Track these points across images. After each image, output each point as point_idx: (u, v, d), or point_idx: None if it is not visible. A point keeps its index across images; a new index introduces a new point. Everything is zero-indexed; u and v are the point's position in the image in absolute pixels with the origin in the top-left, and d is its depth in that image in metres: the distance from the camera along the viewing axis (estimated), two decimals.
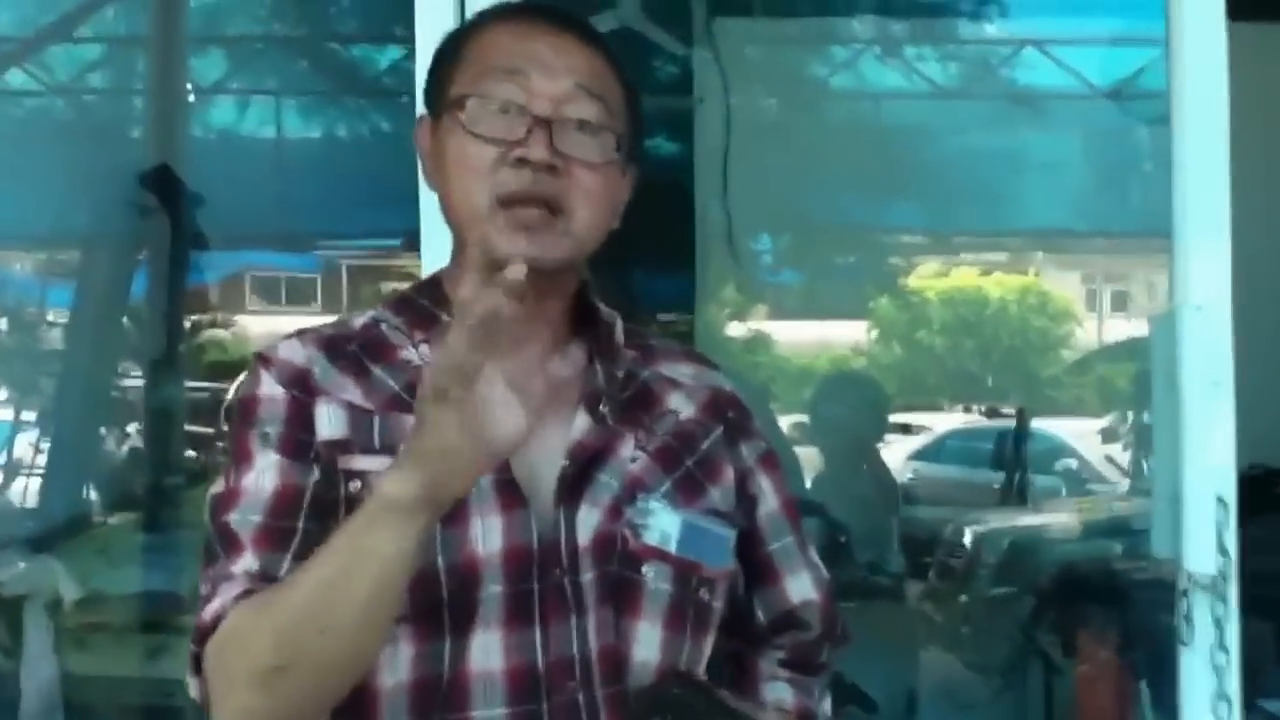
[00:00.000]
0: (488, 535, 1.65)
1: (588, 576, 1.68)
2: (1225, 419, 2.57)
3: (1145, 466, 12.48)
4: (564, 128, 1.67)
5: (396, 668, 1.63)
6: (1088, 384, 19.38)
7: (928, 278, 21.67)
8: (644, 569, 1.71)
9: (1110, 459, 14.11)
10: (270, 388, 1.70)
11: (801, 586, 1.93)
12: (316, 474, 1.66)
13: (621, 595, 1.70)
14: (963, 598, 7.98)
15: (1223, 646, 2.56)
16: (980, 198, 8.45)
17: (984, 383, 21.35)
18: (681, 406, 1.85)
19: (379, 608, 1.50)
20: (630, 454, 1.76)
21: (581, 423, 1.75)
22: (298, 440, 1.67)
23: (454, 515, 1.59)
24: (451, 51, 1.77)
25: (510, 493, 1.66)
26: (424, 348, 1.73)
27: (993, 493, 11.76)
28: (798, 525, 1.96)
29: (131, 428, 7.25)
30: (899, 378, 21.74)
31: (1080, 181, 8.86)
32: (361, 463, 1.65)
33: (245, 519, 1.64)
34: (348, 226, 8.49)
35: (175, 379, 6.43)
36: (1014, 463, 11.29)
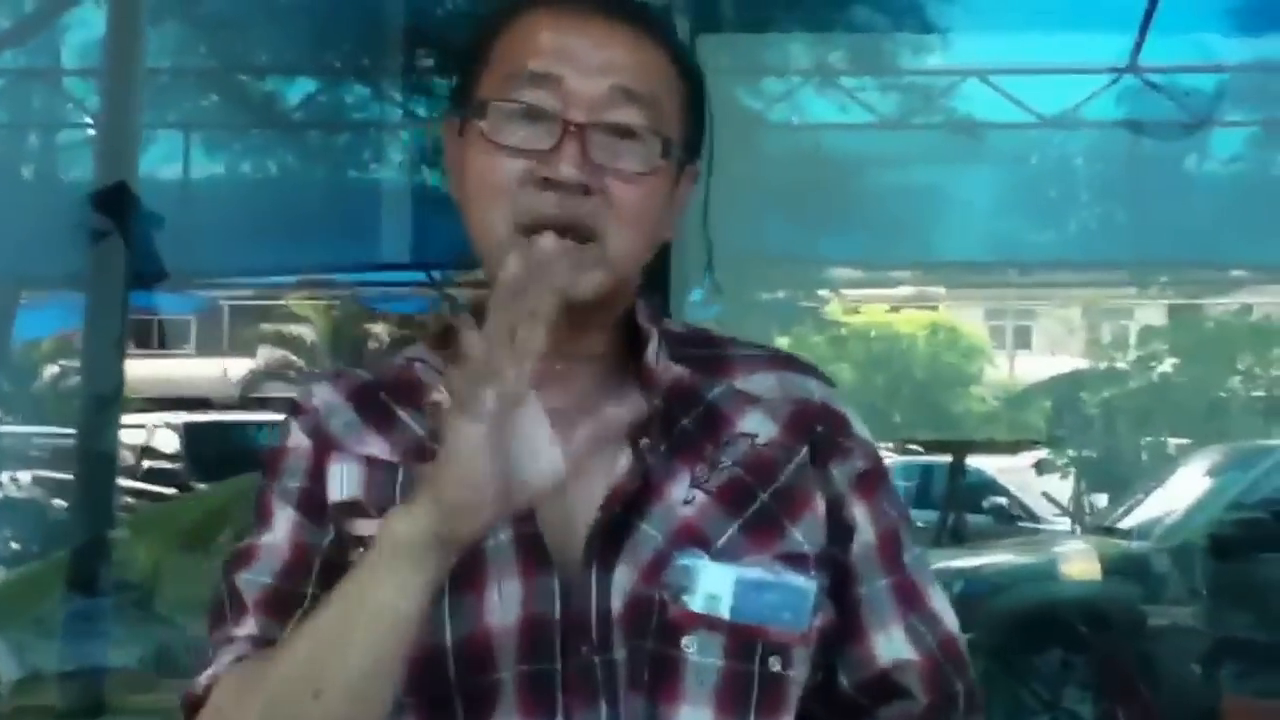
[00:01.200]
0: (505, 604, 1.43)
1: (621, 654, 1.43)
2: None
3: (1088, 503, 12.56)
4: (600, 136, 1.45)
5: None
6: (1016, 418, 19.35)
7: (846, 311, 21.67)
8: (684, 641, 1.43)
9: (1046, 495, 14.09)
10: (296, 438, 1.55)
11: (893, 644, 1.56)
12: (331, 533, 1.50)
13: (657, 675, 1.43)
14: None
15: None
16: (908, 230, 8.39)
17: (891, 418, 21.32)
18: (759, 427, 1.55)
19: (379, 669, 1.34)
20: (684, 495, 1.49)
21: (621, 464, 1.48)
22: (317, 496, 1.51)
23: (466, 578, 1.41)
24: (480, 46, 1.53)
25: (533, 551, 1.44)
26: None
27: (924, 533, 11.55)
28: (898, 564, 1.59)
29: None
30: None
31: (1000, 215, 8.80)
32: (370, 527, 1.43)
33: (254, 580, 1.51)
34: (235, 264, 8.26)
35: (110, 421, 5.92)
36: (948, 501, 11.18)
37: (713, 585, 1.44)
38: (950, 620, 1.60)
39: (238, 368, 19.72)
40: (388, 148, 7.59)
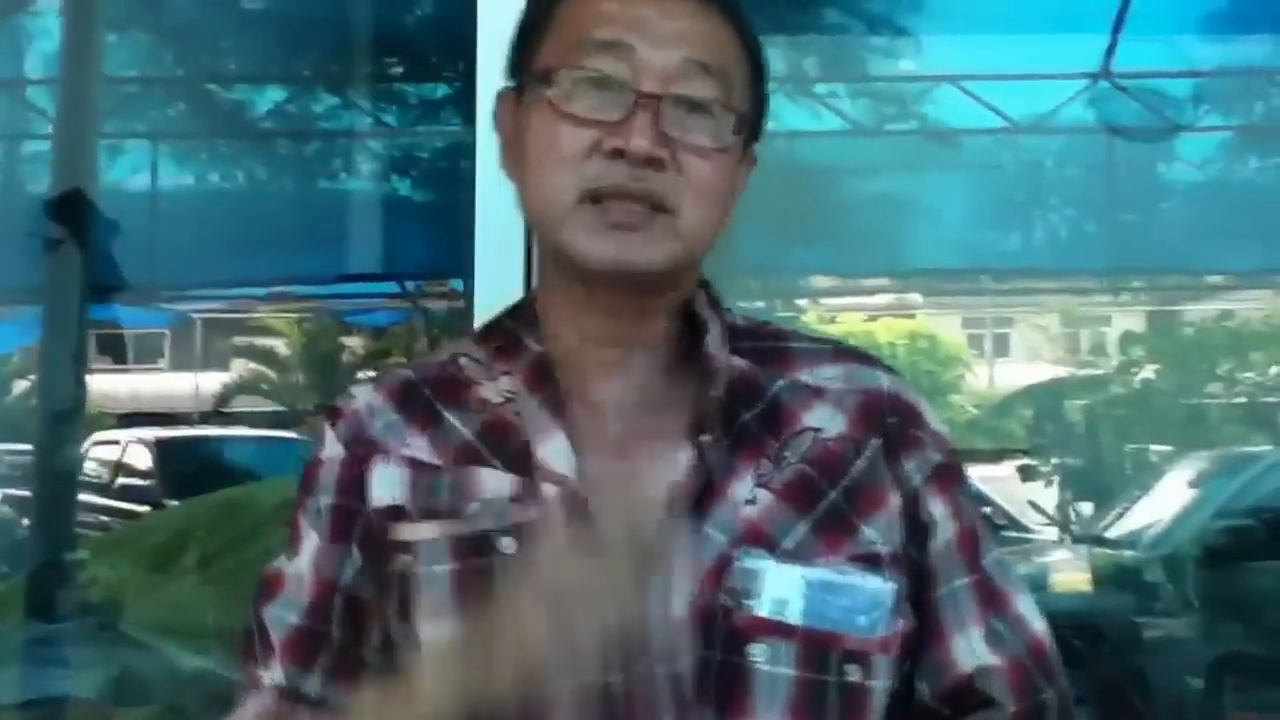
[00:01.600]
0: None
1: (685, 664, 1.35)
2: None
3: (1074, 511, 12.53)
4: (673, 109, 1.40)
5: None
6: (998, 426, 19.29)
7: (823, 321, 21.69)
8: (752, 649, 1.35)
9: (1033, 504, 13.99)
10: (331, 448, 1.50)
11: (975, 648, 1.46)
12: (358, 560, 1.46)
13: (726, 687, 1.35)
14: None
15: None
16: (884, 239, 8.35)
17: None
18: (826, 421, 1.47)
19: None
20: (747, 494, 1.41)
21: (682, 460, 1.42)
22: (347, 512, 1.47)
23: None
24: (541, 12, 1.48)
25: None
26: (505, 380, 1.47)
27: None
28: (979, 564, 1.49)
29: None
30: None
31: (976, 222, 8.78)
32: (413, 532, 1.41)
33: (281, 617, 1.48)
34: (205, 277, 8.22)
35: (70, 438, 5.79)
36: None
37: (780, 588, 1.37)
38: (1038, 624, 1.51)
39: (211, 382, 19.61)
40: (358, 157, 7.48)
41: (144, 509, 10.93)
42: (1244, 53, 7.67)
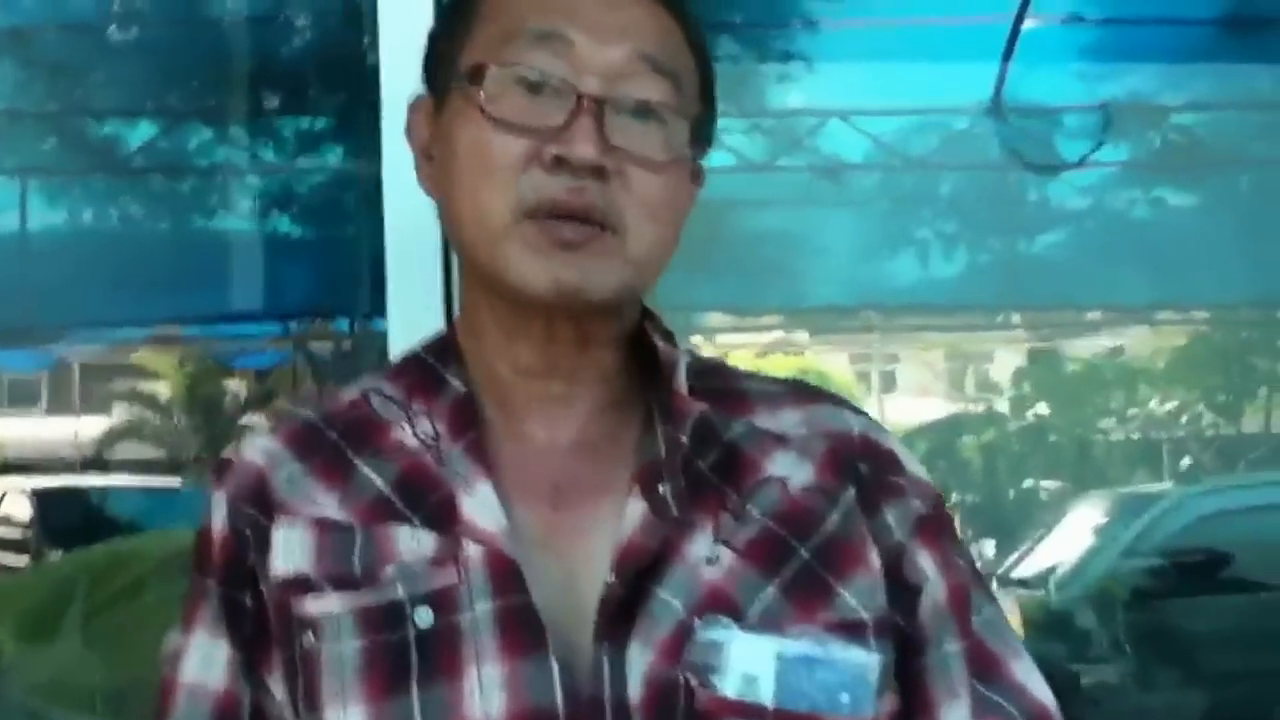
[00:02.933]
0: (488, 694, 1.16)
1: None
2: None
3: (977, 551, 12.55)
4: (619, 114, 1.21)
5: None
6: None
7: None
8: None
9: None
10: (218, 517, 1.29)
11: (959, 718, 1.28)
12: (240, 659, 1.27)
13: None
14: None
15: None
16: (774, 275, 8.31)
17: None
18: (791, 470, 1.28)
19: None
20: (707, 553, 1.22)
21: (633, 513, 1.22)
22: (236, 608, 1.27)
23: (439, 664, 1.17)
24: (463, 5, 1.29)
25: (524, 625, 1.18)
26: (423, 422, 1.27)
27: None
28: (969, 625, 1.30)
29: None
30: None
31: (865, 257, 8.78)
32: (316, 605, 1.21)
33: None
34: (81, 319, 8.02)
35: None
36: None
37: (748, 663, 1.18)
38: (1041, 691, 1.31)
39: (90, 427, 19.24)
40: (235, 193, 7.26)
41: (22, 562, 10.75)
42: (1130, 86, 7.71)
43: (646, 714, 1.16)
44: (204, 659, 1.28)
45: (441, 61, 1.30)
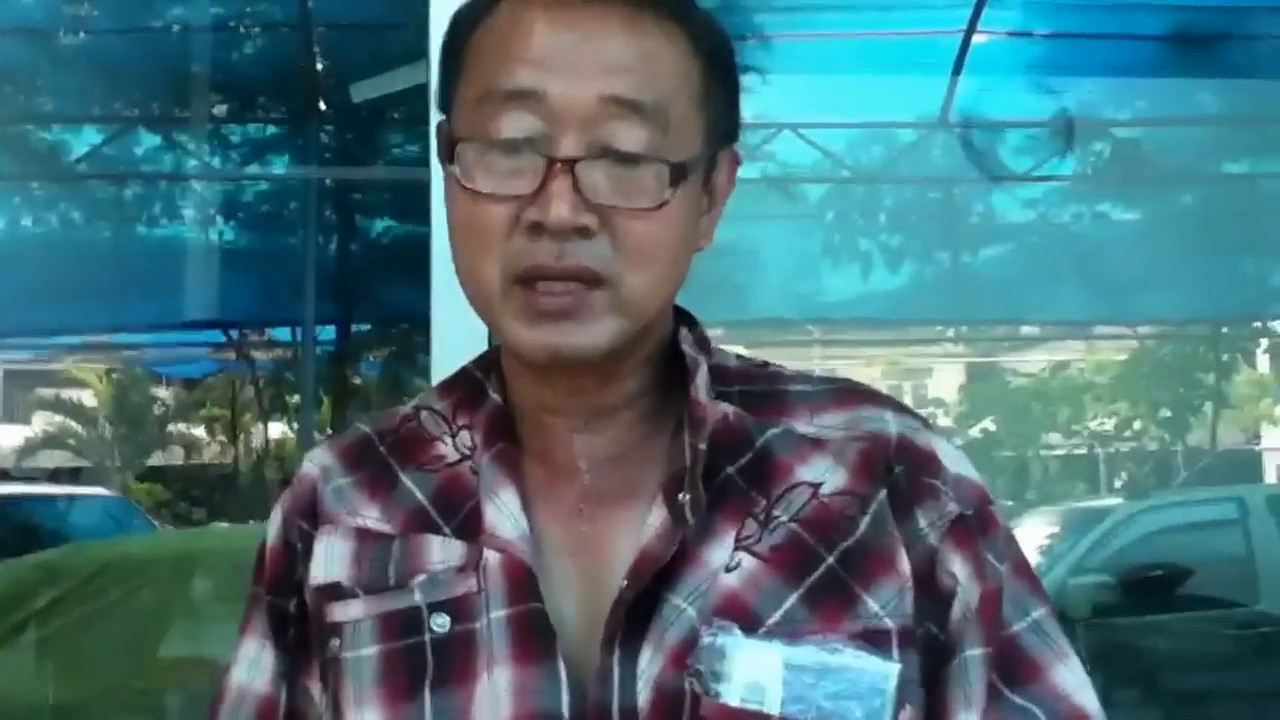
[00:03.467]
0: (497, 701, 1.16)
1: None
2: None
3: None
4: (594, 167, 1.17)
5: None
6: None
7: None
8: None
9: None
10: (275, 529, 1.34)
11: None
12: (281, 666, 1.31)
13: None
14: None
15: None
16: (720, 288, 8.26)
17: None
18: (824, 475, 1.24)
19: None
20: (727, 559, 1.19)
21: (654, 522, 1.21)
22: (282, 616, 1.31)
23: (452, 669, 1.18)
24: (453, 49, 1.27)
25: (535, 632, 1.18)
26: (464, 435, 1.29)
27: None
28: (997, 630, 1.24)
29: None
30: None
31: (812, 271, 8.76)
32: (343, 611, 1.25)
33: None
34: (11, 326, 7.99)
35: None
36: None
37: (754, 671, 1.14)
38: (1083, 698, 1.24)
39: (13, 436, 19.02)
40: (180, 201, 7.25)
41: None
42: (1074, 103, 7.71)
43: None
44: (251, 664, 1.33)
45: (442, 102, 1.29)
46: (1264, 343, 15.31)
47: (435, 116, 1.32)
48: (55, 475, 16.25)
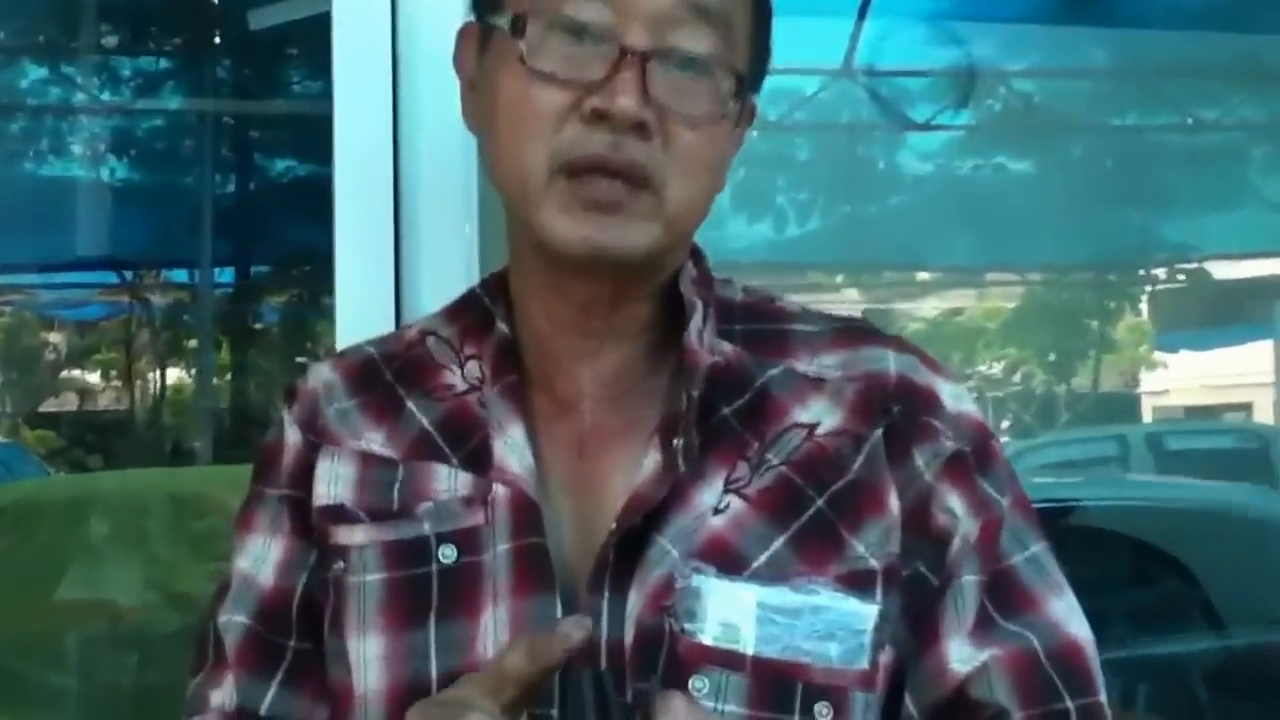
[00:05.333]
0: (498, 631, 1.21)
1: (629, 697, 1.19)
2: None
3: None
4: (663, 66, 1.20)
5: None
6: None
7: None
8: (693, 682, 1.17)
9: None
10: (289, 432, 1.35)
11: (972, 650, 1.23)
12: (311, 561, 1.32)
13: None
14: None
15: None
16: None
17: None
18: (821, 415, 1.27)
19: None
20: (716, 503, 1.23)
21: (649, 465, 1.24)
22: (305, 503, 1.33)
23: (458, 600, 1.22)
24: None
25: (535, 566, 1.22)
26: (472, 365, 1.32)
27: None
28: (995, 559, 1.26)
29: None
30: None
31: (717, 217, 8.75)
32: (348, 535, 1.28)
33: (233, 620, 1.33)
34: None
35: None
36: None
37: (728, 611, 1.17)
38: (1076, 628, 1.27)
39: None
40: (70, 135, 7.03)
41: None
42: (975, 52, 7.72)
43: (635, 657, 1.17)
44: (256, 558, 1.34)
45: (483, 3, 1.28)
46: (1145, 289, 15.61)
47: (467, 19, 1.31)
48: None
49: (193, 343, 9.25)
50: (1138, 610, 5.07)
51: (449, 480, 1.27)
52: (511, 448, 1.26)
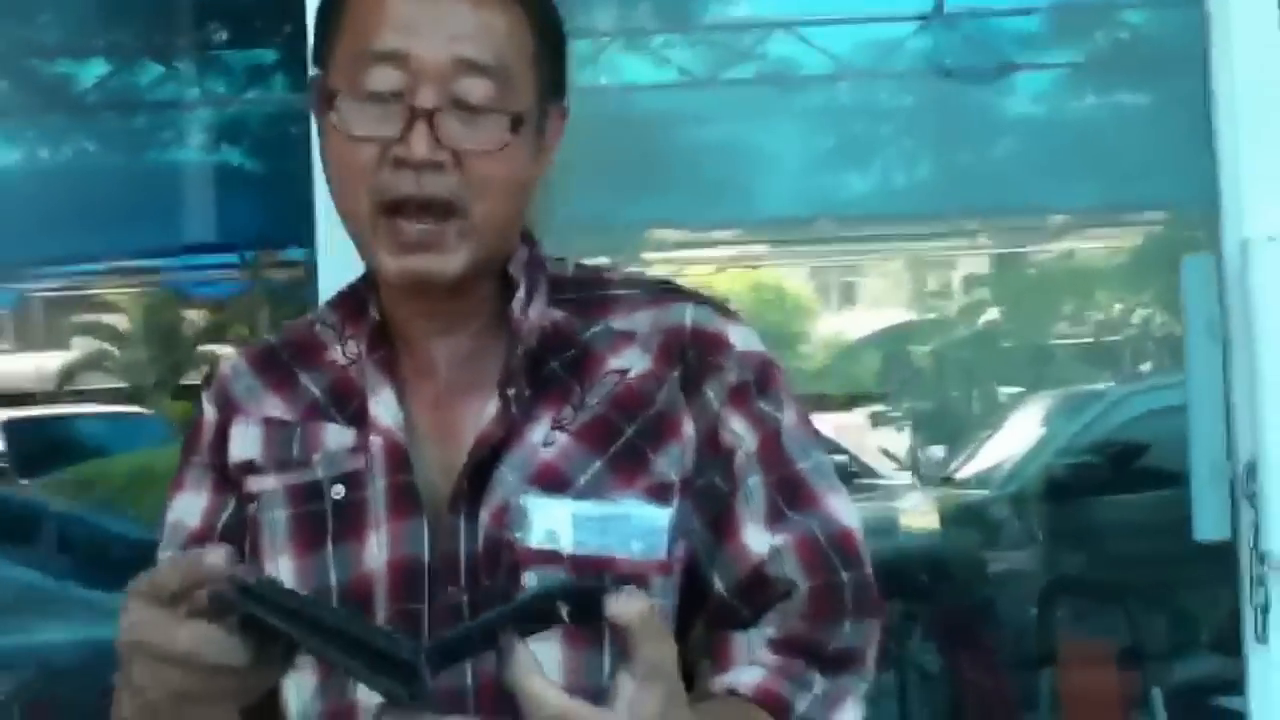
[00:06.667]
0: (381, 549, 1.51)
1: (480, 593, 1.49)
2: None
3: (924, 455, 12.71)
4: (449, 116, 1.48)
5: (303, 696, 1.54)
6: (846, 373, 19.43)
7: (669, 275, 21.74)
8: (525, 577, 1.47)
9: (884, 450, 14.17)
10: (205, 411, 1.66)
11: (766, 535, 1.52)
12: (229, 508, 1.62)
13: None
14: None
15: None
16: (727, 188, 8.36)
17: None
18: (631, 362, 1.57)
19: None
20: (545, 438, 1.53)
21: (490, 411, 1.53)
22: (219, 470, 1.63)
23: (350, 527, 1.52)
24: (332, 14, 1.55)
25: (406, 498, 1.52)
26: (350, 344, 1.62)
27: None
28: (780, 463, 1.55)
29: None
30: None
31: (819, 169, 8.81)
32: (259, 483, 1.59)
33: (164, 556, 1.61)
34: (37, 255, 8.27)
35: None
36: None
37: (550, 522, 1.48)
38: (849, 519, 1.56)
39: (54, 360, 19.31)
40: (186, 128, 7.45)
41: None
42: None
43: (485, 564, 1.47)
44: (185, 510, 1.64)
45: (320, 57, 1.56)
46: None
47: (311, 70, 1.58)
48: (94, 396, 16.57)
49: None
50: None
51: (336, 435, 1.56)
52: (384, 406, 1.55)
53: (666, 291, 1.63)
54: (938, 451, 12.23)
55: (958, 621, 6.33)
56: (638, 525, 1.48)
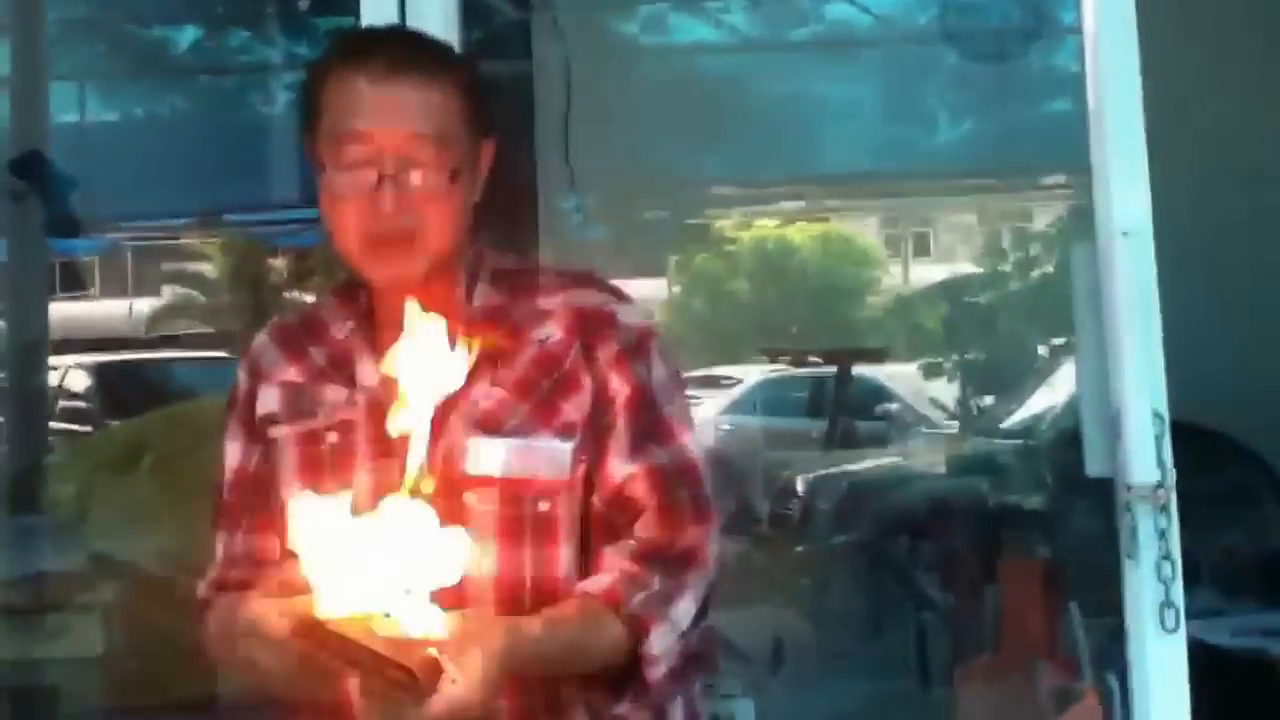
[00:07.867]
0: (364, 479, 1.96)
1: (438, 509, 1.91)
2: (1155, 337, 2.70)
3: (974, 406, 12.78)
4: (406, 175, 1.95)
5: None
6: (909, 324, 19.57)
7: (735, 229, 21.87)
8: (467, 497, 1.94)
9: (935, 400, 14.37)
10: (240, 378, 2.15)
11: (625, 464, 2.00)
12: (258, 453, 2.10)
13: (456, 523, 1.82)
14: (802, 546, 8.03)
15: (1167, 557, 2.63)
16: (786, 145, 8.45)
17: (789, 331, 21.42)
18: (551, 333, 2.04)
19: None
20: (485, 392, 1.98)
21: None
22: (250, 424, 2.11)
23: (341, 465, 1.99)
24: (312, 94, 2.01)
25: (382, 442, 1.89)
26: (348, 324, 2.09)
27: (815, 440, 11.93)
28: (642, 409, 2.02)
29: None
30: (706, 330, 21.93)
31: (884, 125, 8.90)
32: (276, 432, 2.07)
33: (221, 499, 2.13)
34: (132, 208, 8.49)
35: (39, 362, 6.81)
36: (835, 409, 11.48)
37: (488, 454, 1.96)
38: (695, 453, 2.05)
39: (142, 307, 19.76)
40: (273, 89, 7.86)
41: (86, 430, 11.12)
42: None
43: (442, 489, 1.80)
44: (230, 454, 2.14)
45: (309, 129, 2.02)
46: None
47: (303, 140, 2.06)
48: (183, 340, 17.01)
49: None
50: None
51: (334, 393, 2.04)
52: (369, 371, 2.01)
53: (581, 279, 2.12)
54: (987, 400, 12.34)
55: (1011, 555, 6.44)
56: (551, 455, 1.97)
